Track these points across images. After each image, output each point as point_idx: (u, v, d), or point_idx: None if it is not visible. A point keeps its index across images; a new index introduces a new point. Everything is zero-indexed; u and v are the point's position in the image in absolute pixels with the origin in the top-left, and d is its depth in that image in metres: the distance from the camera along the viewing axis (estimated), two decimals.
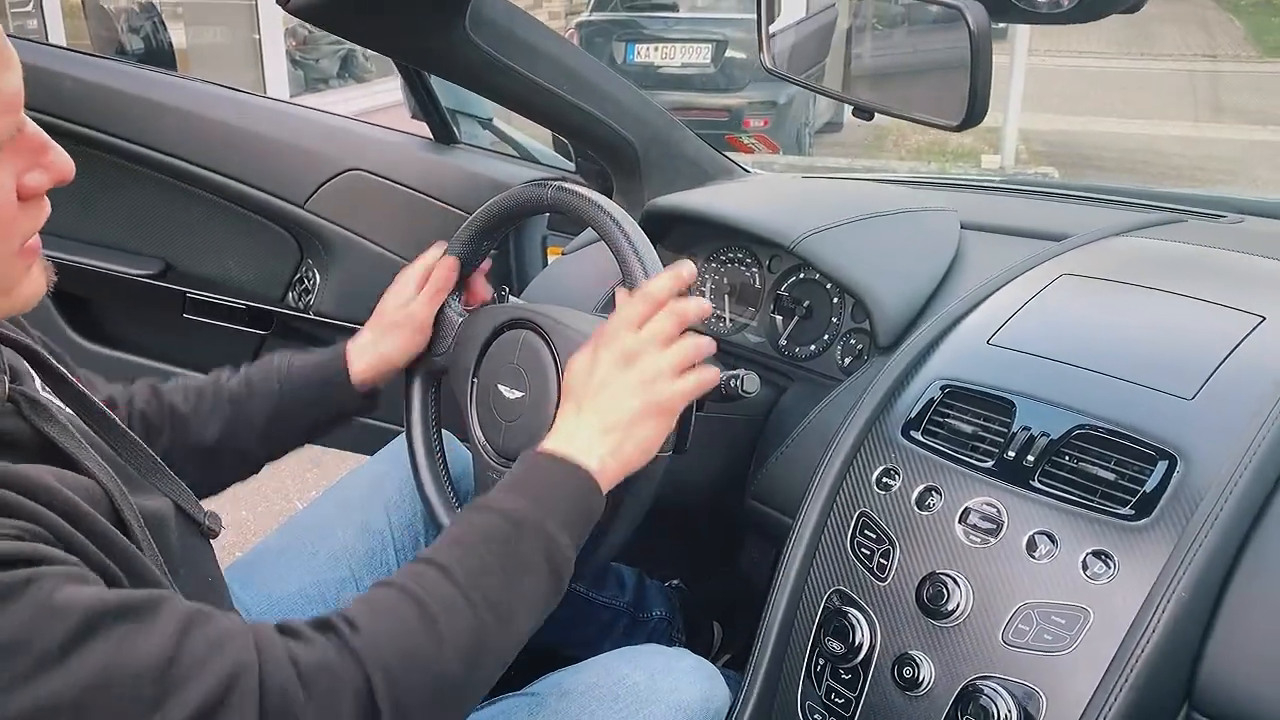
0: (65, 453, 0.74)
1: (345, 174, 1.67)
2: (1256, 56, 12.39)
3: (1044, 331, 1.09)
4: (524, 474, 0.89)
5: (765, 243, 1.33)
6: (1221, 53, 12.39)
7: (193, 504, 0.89)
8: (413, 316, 1.20)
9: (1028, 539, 0.94)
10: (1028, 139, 7.71)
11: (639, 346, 0.93)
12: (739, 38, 7.14)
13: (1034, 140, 7.85)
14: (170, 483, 0.87)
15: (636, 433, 0.92)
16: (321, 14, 1.16)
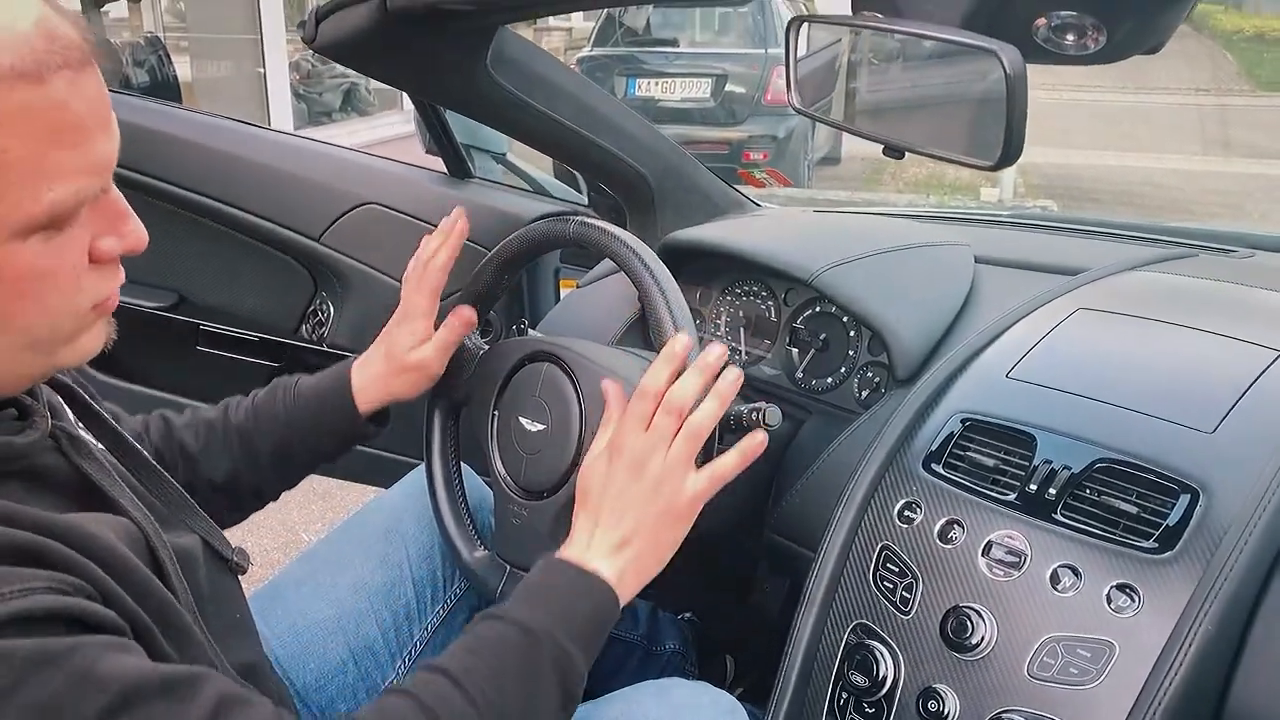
0: (102, 490, 0.75)
1: (360, 208, 1.68)
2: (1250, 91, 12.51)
3: (1062, 365, 1.10)
4: (541, 583, 0.87)
5: (782, 276, 1.34)
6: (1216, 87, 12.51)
7: (221, 540, 0.90)
8: (425, 365, 1.18)
9: (1051, 572, 0.95)
10: (1025, 172, 7.76)
11: (647, 450, 0.90)
12: (738, 72, 7.21)
13: (1032, 174, 7.90)
14: (199, 519, 0.88)
15: (655, 542, 0.90)
16: (347, 52, 1.18)
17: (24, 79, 0.58)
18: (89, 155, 0.63)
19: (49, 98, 0.59)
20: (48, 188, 0.61)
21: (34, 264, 0.63)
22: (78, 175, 0.62)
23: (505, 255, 1.25)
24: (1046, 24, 0.71)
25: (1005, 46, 0.65)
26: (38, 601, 0.59)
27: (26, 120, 0.59)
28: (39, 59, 0.59)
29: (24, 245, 0.62)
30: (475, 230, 1.70)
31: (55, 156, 0.61)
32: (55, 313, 0.67)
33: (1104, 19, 0.70)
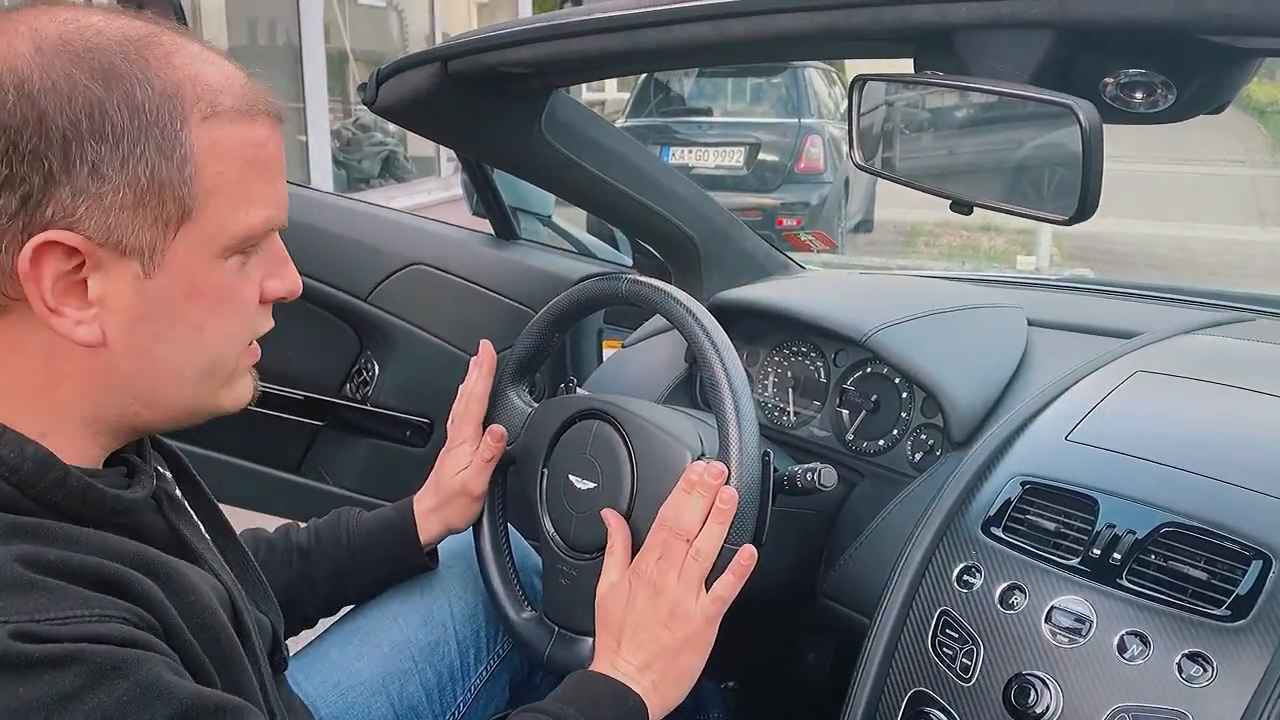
0: (196, 553, 0.77)
1: (408, 268, 1.70)
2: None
3: (1123, 428, 1.08)
4: (574, 689, 0.91)
5: (832, 336, 1.34)
6: (1249, 158, 12.50)
7: (283, 634, 0.93)
8: (468, 488, 1.20)
9: (1118, 639, 0.92)
10: (1060, 241, 7.75)
11: (659, 576, 0.96)
12: (772, 141, 7.31)
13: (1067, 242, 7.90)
14: (271, 607, 0.90)
15: (675, 668, 0.95)
16: (406, 114, 1.21)
17: (240, 117, 0.69)
18: (277, 191, 0.72)
19: (255, 136, 0.70)
20: (246, 212, 0.69)
21: (229, 283, 0.71)
22: (268, 204, 0.71)
23: (554, 314, 1.25)
24: (1115, 82, 0.71)
25: (1080, 101, 0.66)
26: (110, 629, 0.61)
27: (238, 151, 0.68)
28: (250, 103, 0.69)
29: (224, 265, 0.70)
30: (521, 291, 1.72)
31: (254, 185, 0.70)
32: (233, 338, 0.73)
33: (1173, 77, 0.70)
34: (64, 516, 0.66)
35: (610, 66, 1.21)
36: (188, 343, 0.70)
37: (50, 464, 0.66)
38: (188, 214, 0.66)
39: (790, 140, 7.25)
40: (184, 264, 0.68)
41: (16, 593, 0.59)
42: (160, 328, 0.69)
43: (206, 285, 0.69)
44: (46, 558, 0.61)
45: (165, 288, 0.68)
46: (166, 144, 0.65)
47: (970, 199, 0.77)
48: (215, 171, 0.67)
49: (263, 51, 6.64)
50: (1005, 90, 0.71)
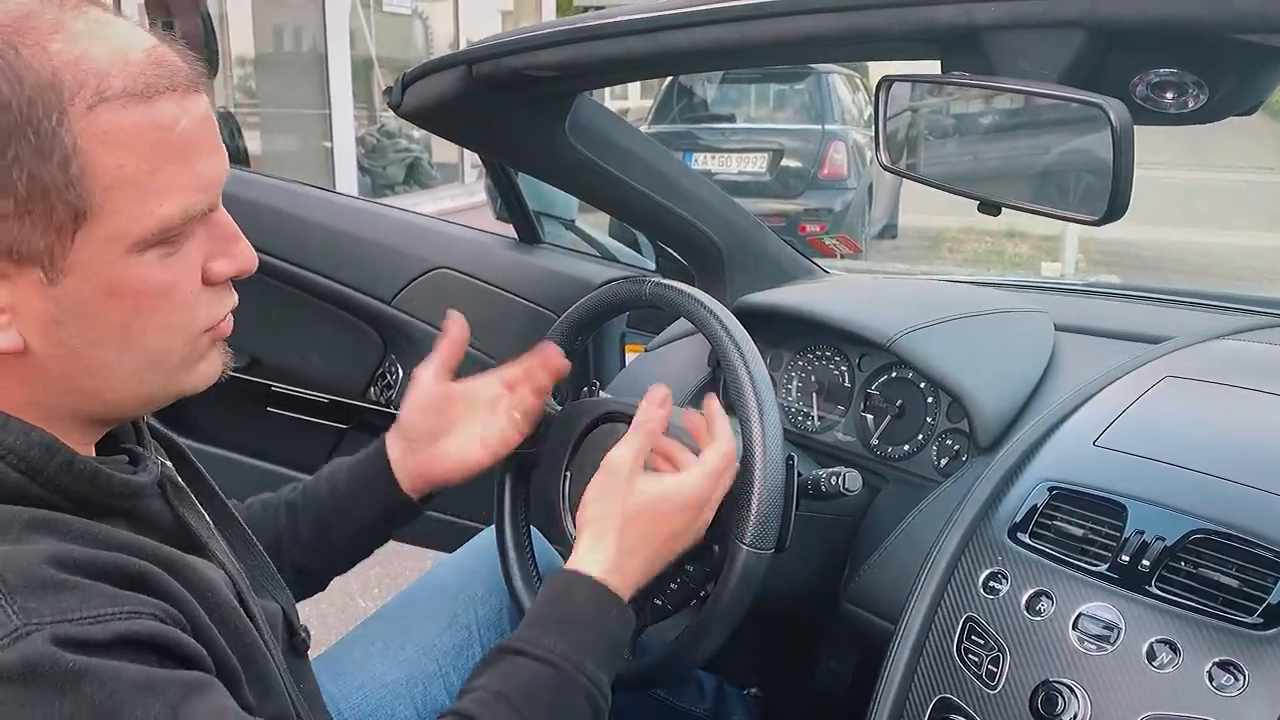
0: (200, 540, 0.76)
1: (432, 272, 1.71)
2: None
3: (1151, 433, 1.07)
4: (558, 604, 0.88)
5: (857, 340, 1.33)
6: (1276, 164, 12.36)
7: (295, 614, 0.91)
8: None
9: (1147, 647, 0.91)
10: (1086, 247, 7.69)
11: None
12: (795, 147, 7.29)
13: (1092, 249, 7.84)
14: (280, 590, 0.90)
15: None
16: (431, 117, 1.21)
17: (134, 99, 0.61)
18: (196, 172, 0.65)
19: (157, 117, 0.63)
20: (158, 203, 0.63)
21: (152, 279, 0.65)
22: (186, 191, 0.65)
23: (578, 317, 1.25)
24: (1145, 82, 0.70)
25: (1111, 100, 0.65)
26: (141, 625, 0.61)
27: (138, 138, 0.62)
28: (148, 82, 0.62)
29: (141, 260, 0.65)
30: (545, 295, 1.72)
31: (165, 172, 0.63)
32: (172, 331, 0.68)
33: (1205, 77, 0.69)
34: (73, 502, 0.66)
35: (635, 69, 1.21)
36: (115, 343, 0.66)
37: (56, 449, 0.65)
38: (83, 215, 0.61)
39: (814, 146, 7.24)
40: (92, 266, 0.63)
41: (49, 592, 0.59)
42: (81, 330, 0.65)
43: (124, 284, 0.64)
44: (73, 556, 0.61)
45: (76, 292, 0.63)
46: (43, 144, 0.59)
47: (998, 200, 0.76)
48: (111, 165, 0.61)
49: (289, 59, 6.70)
50: (1034, 90, 0.70)
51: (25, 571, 0.58)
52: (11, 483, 0.63)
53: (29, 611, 0.57)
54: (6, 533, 0.61)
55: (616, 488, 0.94)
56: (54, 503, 0.65)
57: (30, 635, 0.56)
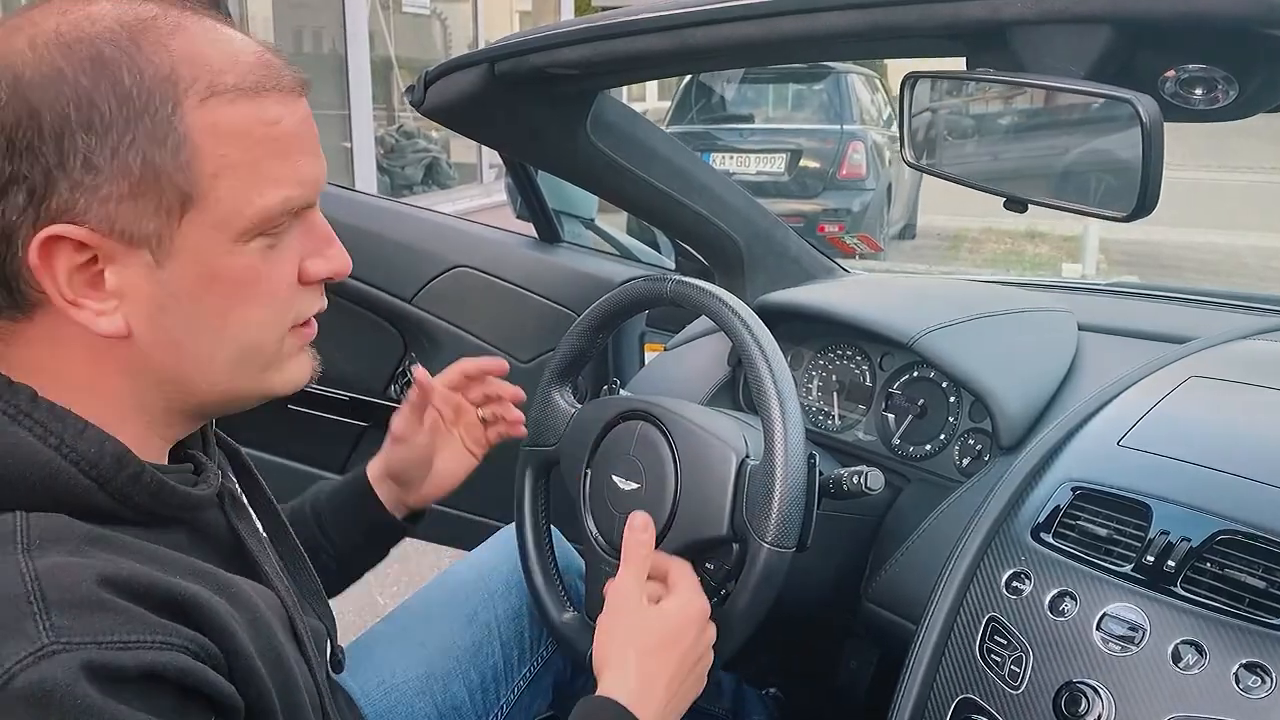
0: (252, 556, 0.77)
1: (452, 270, 1.71)
2: None
3: (1177, 434, 1.06)
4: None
5: (878, 339, 1.33)
6: None
7: (335, 633, 0.91)
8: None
9: (1172, 648, 0.90)
10: (1107, 248, 7.65)
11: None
12: (813, 147, 7.28)
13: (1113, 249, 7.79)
14: (325, 607, 0.90)
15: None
16: (453, 115, 1.22)
17: (243, 95, 0.66)
18: (296, 168, 0.69)
19: (262, 114, 0.67)
20: (259, 193, 0.67)
21: (252, 269, 0.68)
22: (286, 184, 0.68)
23: (599, 315, 1.25)
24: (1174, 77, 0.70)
25: (1140, 95, 0.64)
26: (170, 659, 0.60)
27: (244, 132, 0.66)
28: (256, 80, 0.67)
29: (244, 249, 0.68)
30: (564, 294, 1.72)
31: (267, 165, 0.67)
32: (266, 324, 0.71)
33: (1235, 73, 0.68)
34: (136, 511, 0.67)
35: (657, 66, 1.20)
36: (213, 331, 0.69)
37: (127, 460, 0.66)
38: (190, 200, 0.65)
39: (832, 146, 7.22)
40: (197, 251, 0.66)
41: (85, 612, 0.58)
42: (183, 317, 0.67)
43: (226, 272, 0.67)
44: (121, 574, 0.61)
45: (181, 276, 0.66)
46: (159, 130, 0.63)
47: (1025, 196, 0.76)
48: (219, 155, 0.65)
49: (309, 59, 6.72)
50: (1063, 85, 0.70)
51: (68, 588, 0.58)
52: (81, 489, 0.64)
53: (60, 630, 0.56)
54: (64, 543, 0.61)
55: (628, 623, 0.95)
56: (118, 512, 0.66)
57: (55, 655, 0.56)
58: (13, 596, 0.57)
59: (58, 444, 0.64)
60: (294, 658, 0.74)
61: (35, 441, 0.63)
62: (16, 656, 0.55)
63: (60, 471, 0.64)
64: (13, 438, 0.63)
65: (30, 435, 0.64)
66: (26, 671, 0.55)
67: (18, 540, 0.60)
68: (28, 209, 0.62)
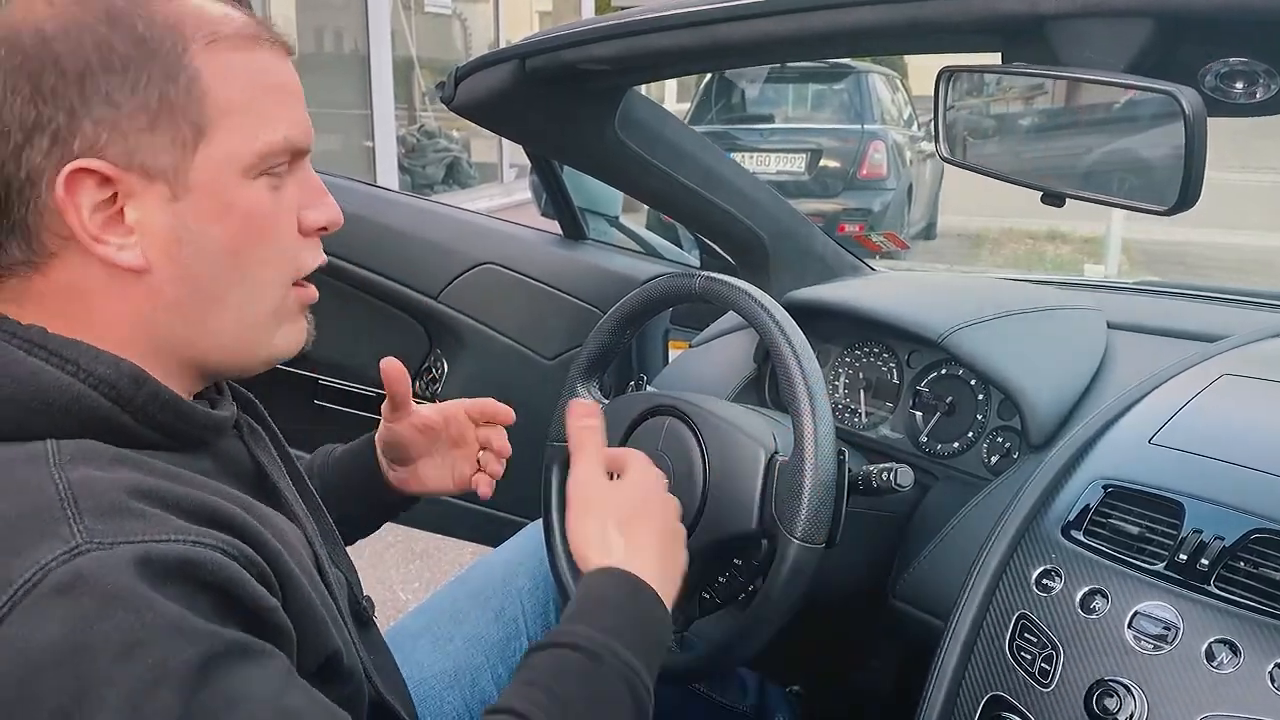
0: (277, 487, 0.79)
1: (478, 267, 1.72)
2: None
3: (1209, 432, 1.05)
4: (581, 599, 0.84)
5: (906, 337, 1.32)
6: None
7: (358, 583, 0.91)
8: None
9: (1206, 647, 0.89)
10: (1129, 249, 7.59)
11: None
12: (833, 147, 7.27)
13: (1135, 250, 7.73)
14: (344, 558, 0.90)
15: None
16: (483, 112, 1.22)
17: (242, 42, 0.71)
18: (294, 114, 0.74)
19: (259, 61, 0.72)
20: (263, 129, 0.71)
21: (261, 205, 0.72)
22: (286, 125, 0.72)
23: (626, 311, 1.26)
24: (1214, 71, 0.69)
25: (1183, 88, 0.64)
26: (208, 556, 0.61)
27: (245, 76, 0.70)
28: (252, 34, 0.72)
29: (252, 185, 0.71)
30: (589, 291, 1.73)
31: (267, 106, 0.71)
32: (272, 265, 0.74)
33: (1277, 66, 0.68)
34: (161, 432, 0.69)
35: (688, 62, 1.20)
36: (227, 267, 0.72)
37: (144, 379, 0.68)
38: (202, 133, 0.69)
39: (853, 146, 7.21)
40: (210, 183, 0.70)
41: (119, 517, 0.60)
42: (198, 250, 0.70)
43: (238, 203, 0.71)
44: (152, 486, 0.63)
45: (196, 208, 0.69)
46: (171, 69, 0.68)
47: (1063, 191, 0.75)
48: (225, 94, 0.69)
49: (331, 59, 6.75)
50: (1103, 79, 0.69)
51: (101, 495, 0.60)
52: (104, 411, 0.66)
53: (94, 532, 0.58)
54: (95, 460, 0.64)
55: (597, 505, 0.91)
56: (143, 435, 0.68)
57: (90, 553, 0.57)
58: (46, 503, 0.59)
59: (75, 370, 0.66)
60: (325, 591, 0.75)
61: (53, 370, 0.66)
62: (52, 554, 0.57)
63: (81, 395, 0.66)
64: (31, 367, 0.66)
65: (46, 364, 0.66)
66: (60, 570, 0.56)
67: (49, 457, 0.63)
68: (52, 150, 0.66)
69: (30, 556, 0.57)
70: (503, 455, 1.12)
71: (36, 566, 0.56)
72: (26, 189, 0.66)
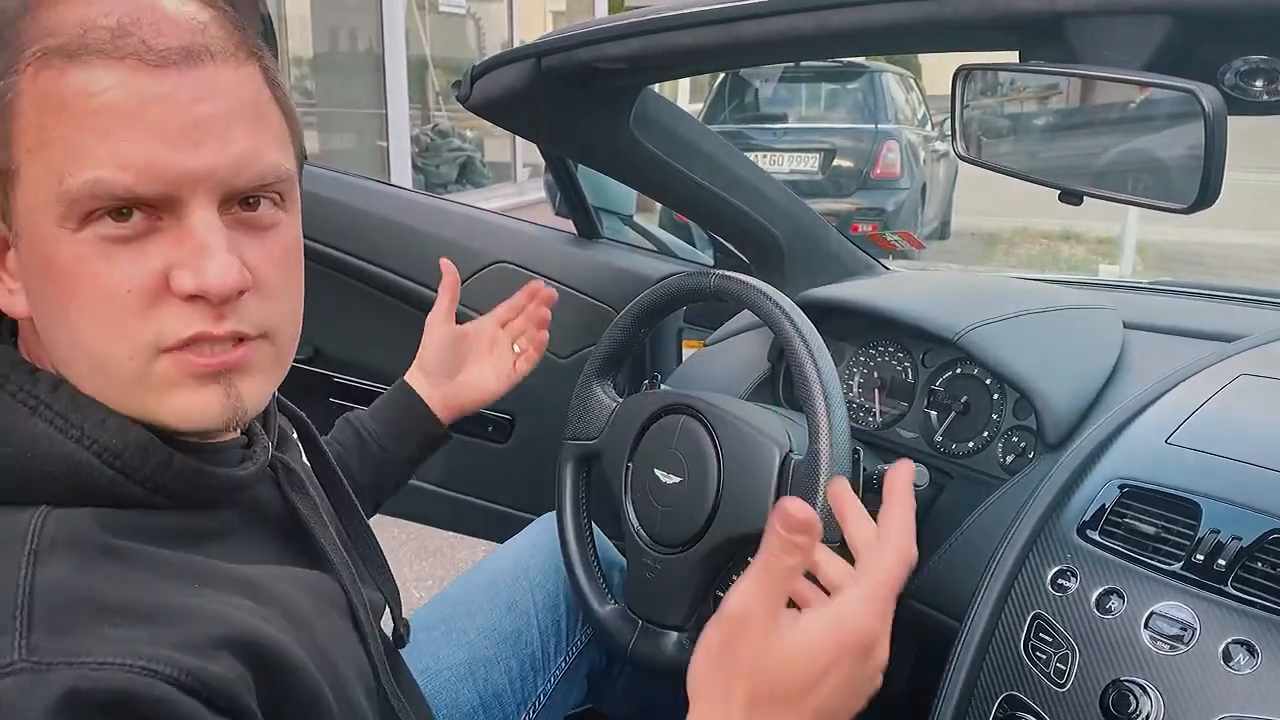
0: (310, 532, 0.74)
1: (492, 266, 1.72)
2: None
3: (1227, 432, 1.05)
4: None
5: (921, 335, 1.32)
6: None
7: (399, 606, 0.91)
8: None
9: (1223, 648, 0.89)
10: (1144, 250, 7.56)
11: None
12: (847, 147, 7.25)
13: (1150, 251, 7.69)
14: (387, 580, 0.89)
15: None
16: (499, 110, 1.22)
17: (68, 62, 0.58)
18: (116, 149, 0.58)
19: (82, 82, 0.58)
20: (69, 171, 0.58)
21: (80, 260, 0.59)
22: (100, 165, 0.58)
23: (641, 309, 1.26)
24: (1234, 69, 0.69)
25: (1202, 86, 0.64)
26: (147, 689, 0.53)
27: (61, 102, 0.58)
28: (84, 44, 0.58)
29: (74, 237, 0.59)
30: (604, 290, 1.73)
31: (80, 140, 0.58)
32: (107, 330, 0.61)
33: None
34: (173, 500, 0.63)
35: (705, 60, 1.20)
36: (63, 326, 0.62)
37: (153, 447, 0.62)
38: (14, 173, 0.59)
39: (866, 146, 7.20)
40: (30, 233, 0.60)
41: (68, 633, 0.53)
42: (39, 304, 0.62)
43: (55, 258, 0.59)
44: (118, 596, 0.56)
45: (27, 258, 0.61)
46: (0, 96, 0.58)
47: (1080, 189, 0.75)
48: (38, 125, 0.58)
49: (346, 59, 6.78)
50: (1122, 77, 0.69)
51: (59, 605, 0.54)
52: (106, 480, 0.60)
53: (35, 649, 0.52)
54: (77, 549, 0.57)
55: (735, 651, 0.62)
56: (153, 501, 0.62)
57: (20, 674, 0.51)
58: (1, 604, 0.53)
59: (78, 435, 0.60)
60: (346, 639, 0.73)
61: (55, 433, 0.60)
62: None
63: (83, 464, 0.60)
64: (33, 429, 0.60)
65: (50, 427, 0.60)
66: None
67: (26, 542, 0.56)
68: None
69: None
70: (538, 341, 1.25)
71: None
72: None
